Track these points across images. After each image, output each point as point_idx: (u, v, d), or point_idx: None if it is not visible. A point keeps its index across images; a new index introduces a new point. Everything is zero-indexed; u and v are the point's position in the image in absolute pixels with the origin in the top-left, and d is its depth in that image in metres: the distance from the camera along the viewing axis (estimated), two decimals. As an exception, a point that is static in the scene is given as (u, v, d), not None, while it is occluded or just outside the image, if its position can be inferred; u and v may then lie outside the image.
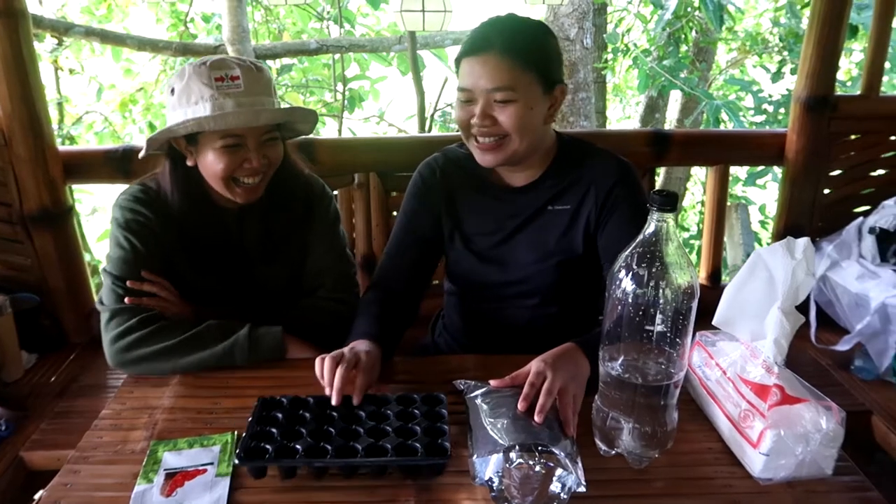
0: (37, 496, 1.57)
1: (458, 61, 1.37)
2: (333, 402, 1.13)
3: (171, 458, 1.05)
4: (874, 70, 2.08)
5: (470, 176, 1.51)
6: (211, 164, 1.37)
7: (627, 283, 0.96)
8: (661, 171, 4.87)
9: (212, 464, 1.04)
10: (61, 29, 4.84)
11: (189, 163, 1.41)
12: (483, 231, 1.50)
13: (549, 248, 1.45)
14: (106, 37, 5.00)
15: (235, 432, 1.11)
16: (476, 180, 1.51)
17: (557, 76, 1.39)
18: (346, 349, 1.22)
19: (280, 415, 1.11)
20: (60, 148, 1.98)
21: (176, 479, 1.01)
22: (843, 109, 2.07)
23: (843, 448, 1.01)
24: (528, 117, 1.34)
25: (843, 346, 1.79)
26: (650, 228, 0.95)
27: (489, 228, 1.49)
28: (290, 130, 1.53)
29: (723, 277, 2.26)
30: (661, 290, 0.95)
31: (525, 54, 1.32)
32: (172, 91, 1.36)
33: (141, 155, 1.41)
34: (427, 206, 1.53)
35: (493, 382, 1.16)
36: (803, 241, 1.04)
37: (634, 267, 0.96)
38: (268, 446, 1.03)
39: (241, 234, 1.53)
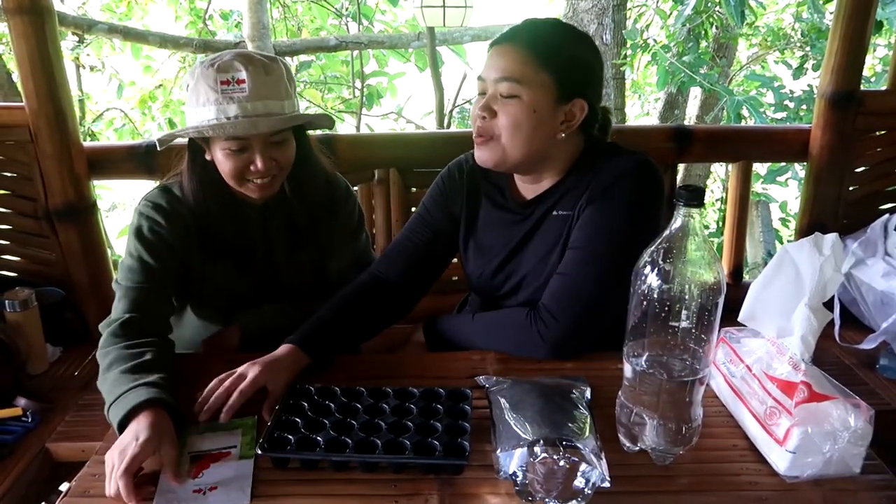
0: (63, 487, 1.60)
1: (488, 52, 1.33)
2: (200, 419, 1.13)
3: (196, 442, 1.08)
4: (901, 65, 2.04)
5: (492, 185, 1.47)
6: (220, 164, 1.38)
7: (652, 279, 0.95)
8: (681, 167, 4.83)
9: (235, 446, 1.07)
10: (84, 26, 4.90)
11: (207, 157, 1.42)
12: (496, 244, 1.45)
13: (553, 258, 1.35)
14: (128, 34, 5.06)
15: (256, 416, 1.14)
16: (496, 191, 1.46)
17: (579, 89, 1.28)
18: (240, 369, 1.18)
19: (307, 404, 1.13)
20: (85, 144, 2.00)
21: (202, 461, 1.04)
22: (869, 105, 2.04)
23: (869, 447, 1.00)
24: (527, 120, 1.24)
25: (868, 344, 1.77)
26: (676, 223, 0.94)
27: (501, 242, 1.43)
28: (311, 124, 1.51)
29: (743, 275, 2.24)
30: (686, 286, 0.94)
31: (545, 53, 1.24)
32: (188, 87, 1.37)
33: (159, 147, 1.43)
34: (449, 201, 1.50)
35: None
36: (831, 237, 1.03)
37: (660, 262, 0.95)
38: (290, 437, 1.04)
39: (264, 228, 1.52)
